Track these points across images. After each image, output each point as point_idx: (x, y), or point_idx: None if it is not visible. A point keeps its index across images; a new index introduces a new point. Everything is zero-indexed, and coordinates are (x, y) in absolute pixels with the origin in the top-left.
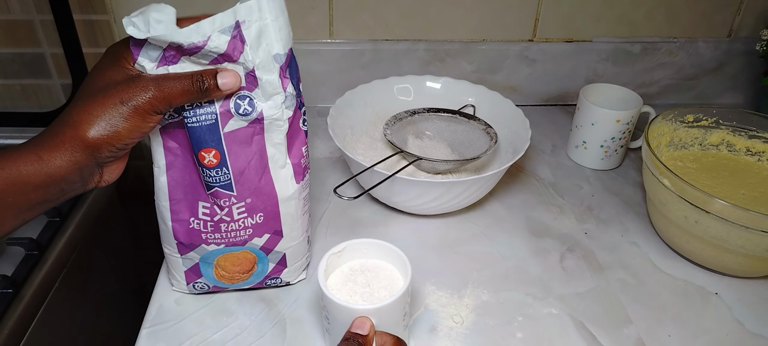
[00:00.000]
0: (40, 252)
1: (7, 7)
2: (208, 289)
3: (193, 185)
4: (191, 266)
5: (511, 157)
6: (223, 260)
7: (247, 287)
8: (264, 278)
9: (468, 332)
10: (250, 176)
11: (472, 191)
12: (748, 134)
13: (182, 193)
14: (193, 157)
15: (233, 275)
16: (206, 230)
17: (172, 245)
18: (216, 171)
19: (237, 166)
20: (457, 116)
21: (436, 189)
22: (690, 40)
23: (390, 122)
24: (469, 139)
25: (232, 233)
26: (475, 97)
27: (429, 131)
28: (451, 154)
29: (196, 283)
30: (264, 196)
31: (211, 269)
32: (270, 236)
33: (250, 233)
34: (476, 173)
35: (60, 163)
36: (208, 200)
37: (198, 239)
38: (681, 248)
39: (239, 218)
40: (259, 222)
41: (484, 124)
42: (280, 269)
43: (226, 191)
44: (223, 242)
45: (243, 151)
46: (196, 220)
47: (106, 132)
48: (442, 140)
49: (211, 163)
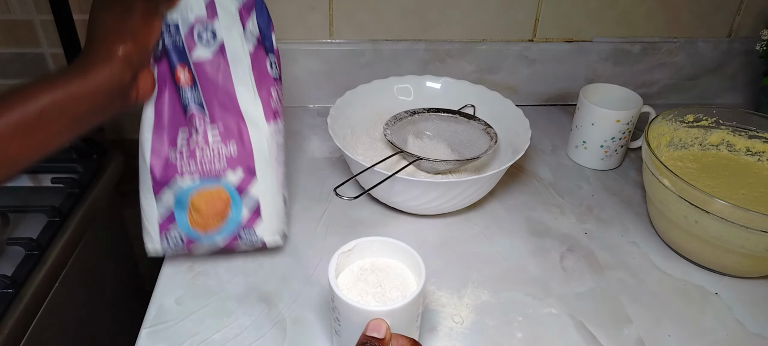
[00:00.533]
0: (40, 252)
1: (7, 7)
2: (182, 243)
3: (174, 115)
4: (165, 214)
5: (511, 158)
6: (198, 198)
7: (223, 245)
8: (238, 229)
9: (468, 332)
10: (222, 102)
11: (472, 190)
12: (748, 134)
13: (164, 122)
14: (173, 87)
15: (207, 219)
16: (183, 159)
17: (148, 188)
18: (190, 91)
19: (208, 91)
20: (457, 116)
21: (436, 189)
22: (690, 40)
23: (390, 122)
24: (469, 139)
25: (207, 163)
26: (475, 97)
27: (429, 131)
28: (451, 155)
29: (170, 234)
30: (235, 125)
31: (185, 213)
32: (244, 175)
33: (225, 165)
34: (476, 173)
35: (101, 79)
36: (186, 125)
37: (173, 172)
38: (681, 248)
39: (214, 145)
40: (233, 155)
41: (484, 124)
42: (255, 219)
43: (199, 112)
44: (197, 172)
45: (212, 81)
46: (174, 150)
47: (128, 36)
48: (442, 140)
49: (187, 82)
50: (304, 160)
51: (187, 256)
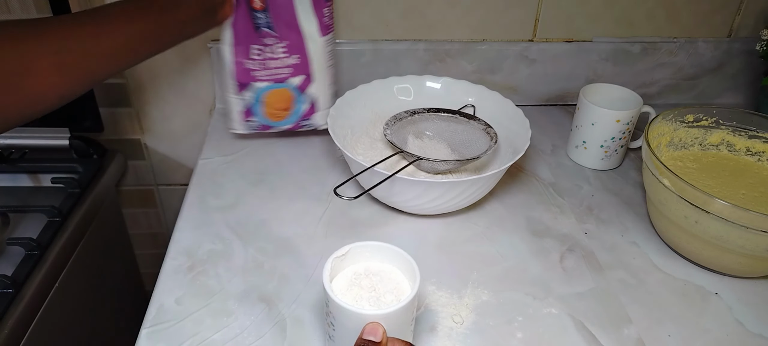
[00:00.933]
0: (40, 252)
1: (7, 7)
2: (259, 127)
3: (247, 33)
4: (246, 107)
5: (511, 158)
6: (270, 97)
7: (289, 128)
8: (300, 118)
9: (468, 332)
10: (287, 21)
11: (472, 190)
12: (748, 134)
13: (240, 38)
14: (248, 11)
15: (277, 112)
16: (257, 69)
17: (233, 89)
18: (263, 14)
19: (275, 13)
20: (457, 116)
21: (436, 189)
22: (690, 40)
23: (390, 122)
24: (469, 139)
25: (276, 71)
26: (475, 97)
27: (429, 131)
28: (451, 155)
29: (250, 122)
30: (298, 40)
31: (261, 107)
32: (304, 78)
33: (290, 72)
34: (476, 173)
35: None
36: (258, 42)
37: (250, 78)
38: (681, 248)
39: (281, 56)
40: (297, 63)
41: (484, 124)
42: (312, 111)
43: (270, 31)
44: (269, 78)
45: (278, 3)
46: (249, 60)
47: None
48: (442, 140)
49: (259, 6)
50: (305, 160)
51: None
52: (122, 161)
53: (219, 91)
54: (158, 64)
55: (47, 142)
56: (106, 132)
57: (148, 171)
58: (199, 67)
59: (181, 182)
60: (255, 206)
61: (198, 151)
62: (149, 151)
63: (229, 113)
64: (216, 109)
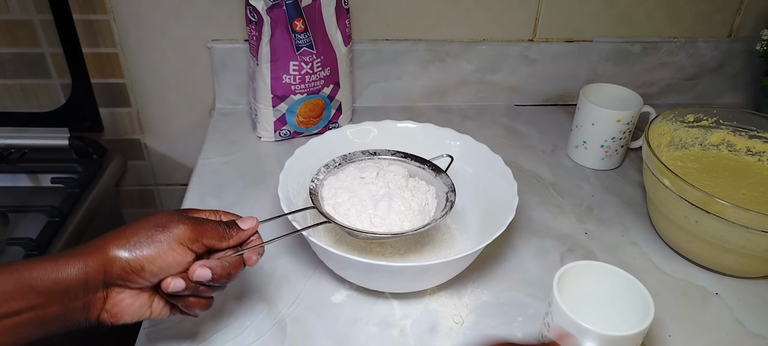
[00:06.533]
0: (40, 252)
1: (7, 7)
2: (290, 135)
3: (285, 50)
4: (279, 116)
5: (492, 228)
6: (303, 107)
7: (317, 132)
8: (328, 122)
9: (468, 332)
10: (321, 38)
11: (438, 272)
12: (748, 134)
13: (278, 55)
14: (286, 30)
15: (309, 119)
16: (295, 82)
17: (268, 100)
18: (303, 35)
19: (313, 32)
20: (424, 166)
21: (393, 273)
22: (690, 40)
23: (330, 165)
24: (426, 199)
25: (312, 84)
26: (460, 143)
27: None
28: (395, 220)
29: (281, 130)
30: (330, 53)
31: (293, 116)
32: (333, 86)
33: (322, 83)
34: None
35: (70, 272)
36: (297, 59)
37: (288, 92)
38: (681, 248)
39: (317, 70)
40: (328, 74)
41: (450, 184)
42: (338, 115)
43: (309, 49)
44: (305, 91)
45: (313, 22)
46: (288, 76)
47: (128, 250)
48: (392, 199)
49: (301, 29)
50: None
51: None
52: (122, 161)
53: (219, 91)
54: (158, 64)
55: (47, 142)
56: (106, 132)
57: (148, 171)
58: (199, 67)
59: (181, 182)
60: (255, 206)
61: (198, 151)
62: (149, 151)
63: (258, 122)
64: (216, 109)
